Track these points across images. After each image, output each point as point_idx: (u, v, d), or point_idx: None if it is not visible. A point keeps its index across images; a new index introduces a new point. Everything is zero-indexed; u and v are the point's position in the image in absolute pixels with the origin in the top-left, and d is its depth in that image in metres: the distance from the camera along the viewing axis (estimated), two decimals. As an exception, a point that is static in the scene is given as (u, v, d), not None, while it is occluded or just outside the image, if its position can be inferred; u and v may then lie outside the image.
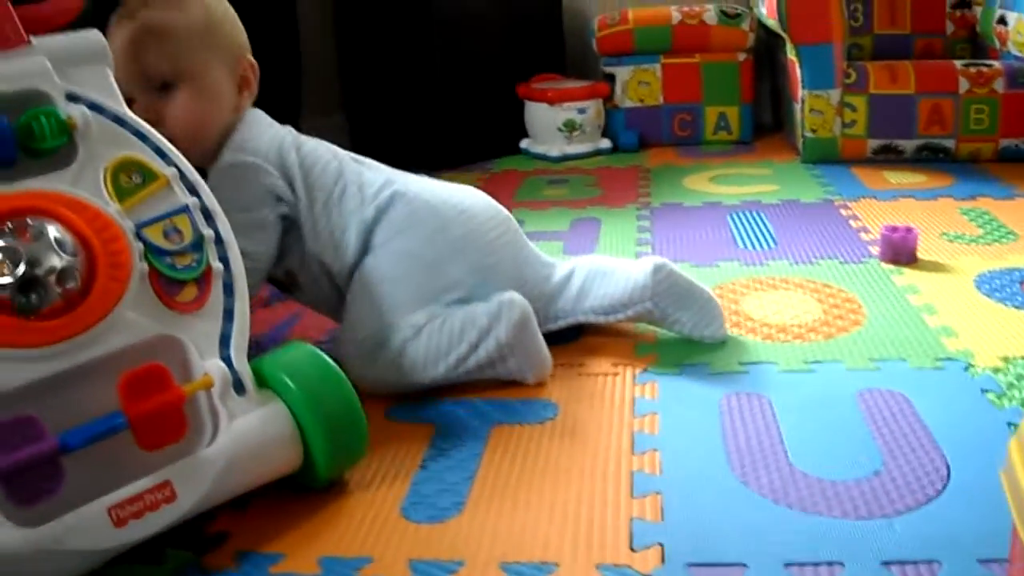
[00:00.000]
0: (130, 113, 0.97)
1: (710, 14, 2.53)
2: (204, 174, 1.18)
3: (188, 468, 0.86)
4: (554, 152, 2.52)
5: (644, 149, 2.60)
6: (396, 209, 1.21)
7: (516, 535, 0.89)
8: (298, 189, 1.21)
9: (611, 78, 2.62)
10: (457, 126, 2.52)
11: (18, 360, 0.81)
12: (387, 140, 2.61)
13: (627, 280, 1.27)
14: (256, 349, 0.97)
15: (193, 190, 0.97)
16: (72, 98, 0.93)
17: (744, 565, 0.82)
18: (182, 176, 0.96)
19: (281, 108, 2.24)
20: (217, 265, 0.94)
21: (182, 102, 1.18)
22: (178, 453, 0.86)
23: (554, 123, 2.52)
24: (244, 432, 0.89)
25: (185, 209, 0.95)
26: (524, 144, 2.61)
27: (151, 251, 0.90)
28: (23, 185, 0.87)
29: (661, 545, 0.85)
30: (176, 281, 0.91)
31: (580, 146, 2.54)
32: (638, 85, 2.61)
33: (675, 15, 2.55)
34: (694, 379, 1.18)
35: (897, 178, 2.11)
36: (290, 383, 0.93)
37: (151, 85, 1.17)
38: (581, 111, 2.52)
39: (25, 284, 0.82)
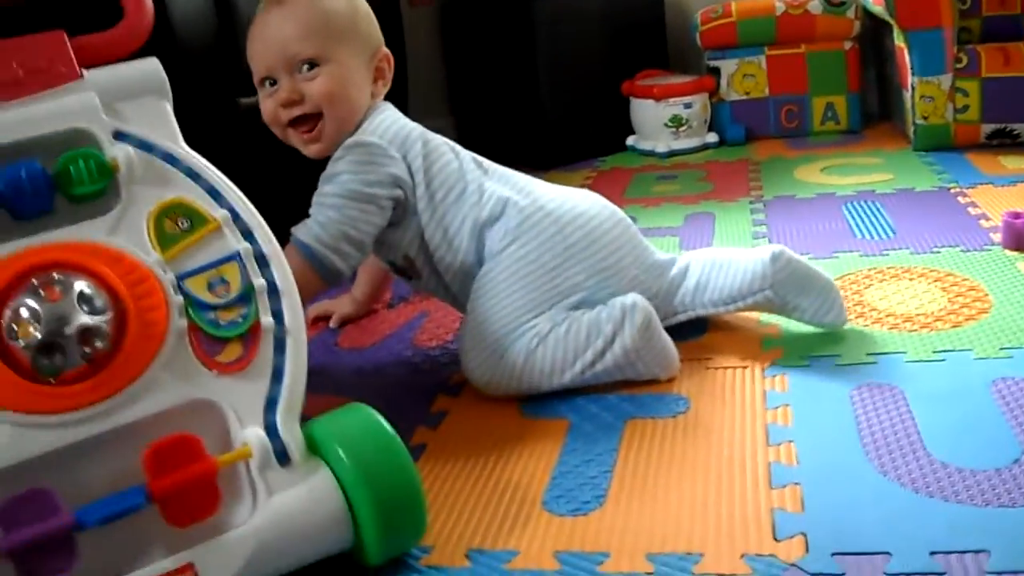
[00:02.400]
0: (184, 150, 0.91)
1: (814, 3, 2.51)
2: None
3: (216, 549, 0.78)
4: (661, 148, 2.53)
5: (751, 142, 2.59)
6: (511, 215, 1.23)
7: (659, 527, 0.91)
8: (418, 178, 1.24)
9: (716, 72, 2.61)
10: (563, 125, 2.55)
11: (36, 427, 0.75)
12: (494, 141, 2.63)
13: (745, 269, 1.28)
14: (375, 352, 0.96)
15: (248, 234, 0.89)
16: (119, 136, 0.88)
17: (888, 554, 0.83)
18: (236, 218, 0.89)
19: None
20: (267, 320, 0.86)
21: (323, 80, 1.22)
22: (207, 531, 0.79)
23: (660, 119, 2.53)
24: (284, 509, 0.81)
25: (235, 257, 0.87)
26: (630, 141, 2.63)
27: (193, 305, 0.84)
28: (56, 235, 0.83)
29: (804, 535, 0.86)
30: (218, 339, 0.84)
31: (687, 141, 2.54)
32: (743, 78, 2.60)
33: (779, 6, 2.53)
34: (823, 371, 1.19)
35: (1014, 163, 2.07)
36: (342, 454, 0.83)
37: (294, 66, 1.22)
38: (687, 106, 2.53)
39: (48, 345, 0.76)
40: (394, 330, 1.49)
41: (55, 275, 0.79)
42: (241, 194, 0.91)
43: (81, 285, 0.79)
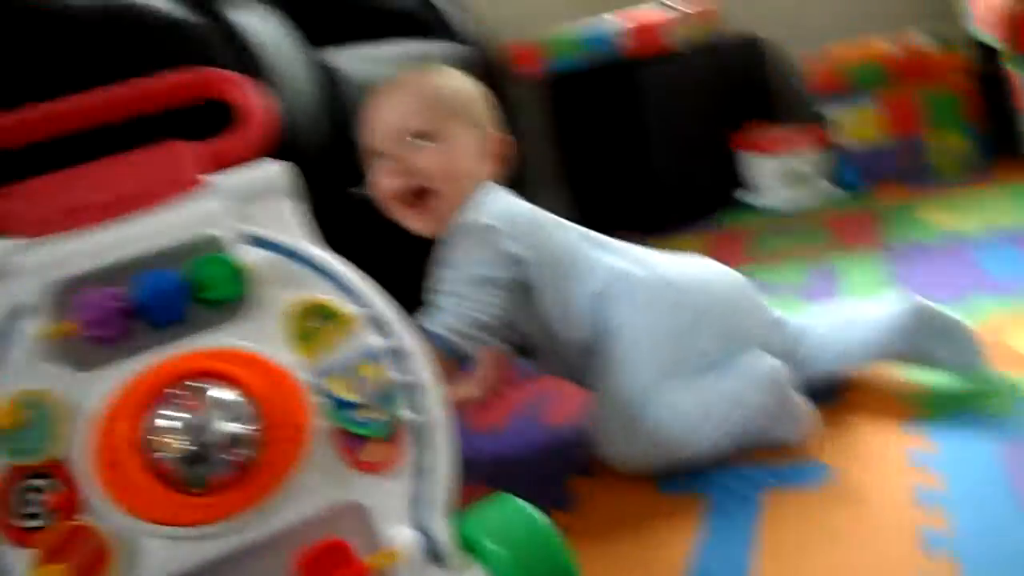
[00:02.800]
0: (313, 248, 0.90)
1: (921, 40, 2.45)
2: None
3: None
4: (776, 202, 2.50)
5: (869, 189, 2.53)
6: (632, 286, 1.22)
7: (809, 603, 0.87)
8: (533, 256, 1.23)
9: (826, 119, 2.57)
10: (675, 186, 2.55)
11: (187, 540, 0.75)
12: (610, 207, 2.66)
13: (876, 322, 1.24)
14: (504, 434, 0.95)
15: (385, 329, 0.87)
16: (247, 239, 0.87)
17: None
18: (371, 314, 0.87)
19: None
20: (409, 416, 0.84)
21: (433, 154, 1.24)
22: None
23: (773, 172, 2.50)
24: None
25: (373, 354, 0.85)
26: (744, 196, 2.60)
27: (333, 405, 0.82)
28: (192, 342, 0.82)
29: (964, 605, 0.82)
30: (360, 438, 0.82)
31: (803, 193, 2.50)
32: (856, 123, 2.55)
33: (885, 46, 2.49)
34: (969, 426, 1.13)
35: None
36: (497, 549, 0.81)
37: (405, 138, 1.25)
38: (800, 157, 2.49)
39: (192, 456, 0.76)
40: (520, 410, 1.49)
41: (195, 383, 0.78)
42: (376, 289, 0.89)
43: (221, 392, 0.78)
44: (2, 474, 0.75)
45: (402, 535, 0.80)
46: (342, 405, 0.82)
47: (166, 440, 0.76)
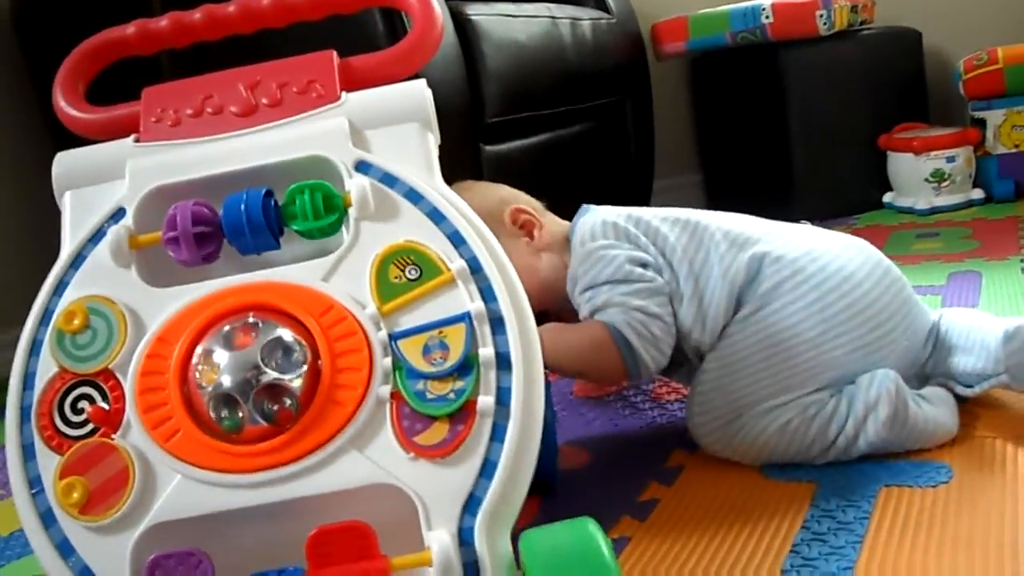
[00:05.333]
0: (433, 187, 0.79)
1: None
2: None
3: None
4: (921, 204, 2.39)
5: (1022, 198, 2.40)
6: (765, 274, 1.11)
7: (915, 605, 0.82)
8: (655, 258, 1.15)
9: (981, 123, 2.45)
10: (815, 180, 2.47)
11: (211, 485, 0.69)
12: (744, 197, 2.59)
13: (982, 346, 1.11)
14: (610, 403, 0.89)
15: (488, 292, 0.74)
16: (362, 167, 0.79)
17: None
18: (476, 272, 0.74)
19: (635, 169, 2.29)
20: (485, 400, 0.70)
21: None
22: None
23: (920, 174, 2.39)
24: None
25: (465, 318, 0.72)
26: (887, 198, 2.50)
27: (402, 370, 0.71)
28: (266, 274, 0.76)
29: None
30: (423, 415, 0.69)
31: (950, 197, 2.40)
32: (1012, 129, 2.43)
33: (1053, 50, 2.36)
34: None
35: None
36: None
37: None
38: (950, 160, 2.38)
39: (230, 398, 0.69)
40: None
41: (251, 319, 0.72)
42: (494, 244, 0.78)
43: (277, 333, 0.71)
44: (58, 376, 0.74)
45: (441, 542, 0.65)
46: (412, 373, 0.71)
47: (208, 375, 0.70)
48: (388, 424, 0.70)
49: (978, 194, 2.43)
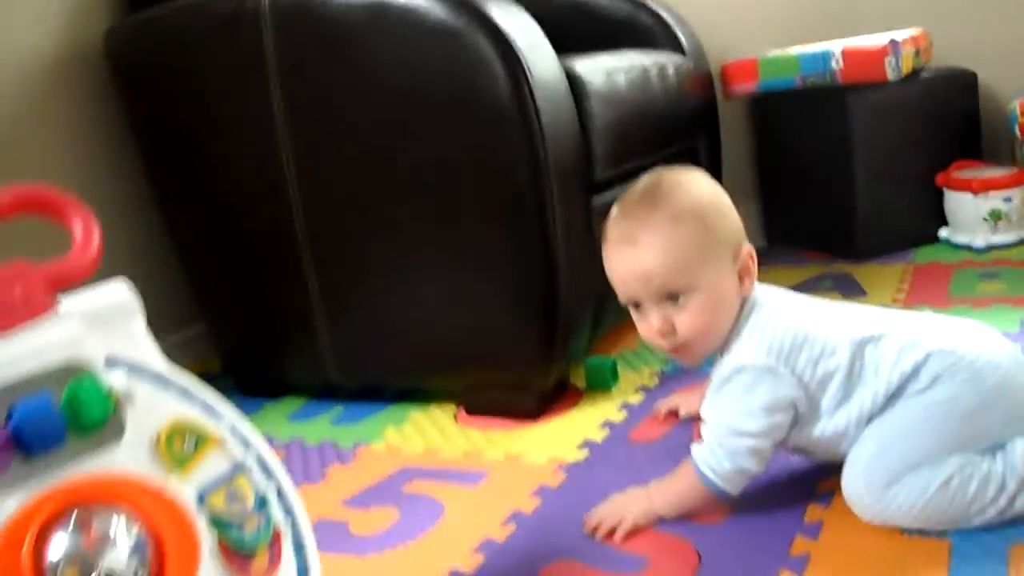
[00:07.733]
0: (171, 369, 0.90)
1: None
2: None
3: None
4: (979, 242, 2.49)
5: (1075, 237, 2.50)
6: (929, 366, 1.18)
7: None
8: (809, 386, 1.21)
9: (1036, 163, 2.54)
10: (876, 215, 2.56)
11: None
12: (801, 228, 2.69)
13: None
14: None
15: (247, 444, 0.89)
16: (111, 362, 0.86)
17: None
18: (233, 431, 0.89)
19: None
20: (284, 522, 0.87)
21: (691, 314, 1.21)
22: None
23: (979, 213, 2.48)
24: None
25: (243, 468, 0.87)
26: (944, 233, 2.59)
27: (217, 523, 0.82)
28: (75, 469, 0.79)
29: None
30: (246, 553, 0.82)
31: (1006, 235, 2.49)
32: (1065, 169, 2.52)
33: (1108, 95, 2.45)
34: None
35: None
36: None
37: (659, 298, 1.21)
38: (1007, 200, 2.47)
39: None
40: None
41: (89, 511, 0.76)
42: (225, 402, 0.91)
43: (118, 520, 0.76)
44: None
45: None
46: (225, 521, 0.82)
47: (66, 572, 0.73)
48: (223, 567, 0.80)
49: (1032, 232, 2.53)
